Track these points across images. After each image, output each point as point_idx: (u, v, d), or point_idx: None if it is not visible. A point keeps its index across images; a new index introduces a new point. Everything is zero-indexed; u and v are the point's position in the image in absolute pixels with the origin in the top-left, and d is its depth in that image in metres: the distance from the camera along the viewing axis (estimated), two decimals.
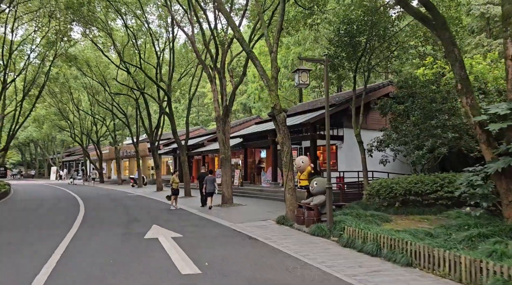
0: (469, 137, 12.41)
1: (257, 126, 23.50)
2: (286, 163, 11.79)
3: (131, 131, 33.55)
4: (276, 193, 18.74)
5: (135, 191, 27.78)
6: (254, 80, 34.90)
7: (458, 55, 8.41)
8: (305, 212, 10.53)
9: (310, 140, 17.52)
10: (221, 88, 17.60)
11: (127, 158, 42.50)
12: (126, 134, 41.87)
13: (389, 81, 19.18)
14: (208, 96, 49.81)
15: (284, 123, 11.82)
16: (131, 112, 37.77)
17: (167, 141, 38.52)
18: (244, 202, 17.37)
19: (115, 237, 9.53)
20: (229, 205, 16.43)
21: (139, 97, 30.39)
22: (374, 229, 7.93)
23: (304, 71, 10.18)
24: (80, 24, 23.91)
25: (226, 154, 16.98)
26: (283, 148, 11.90)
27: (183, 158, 22.36)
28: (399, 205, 12.12)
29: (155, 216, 13.69)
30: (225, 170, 16.90)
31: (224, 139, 17.08)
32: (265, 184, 22.85)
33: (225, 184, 16.82)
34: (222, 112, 17.27)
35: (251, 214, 13.72)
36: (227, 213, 14.15)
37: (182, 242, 8.70)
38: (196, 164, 33.62)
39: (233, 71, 19.06)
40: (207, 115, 56.70)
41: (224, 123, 17.22)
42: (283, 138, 11.85)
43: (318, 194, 10.74)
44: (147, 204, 18.42)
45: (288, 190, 11.72)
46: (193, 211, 15.25)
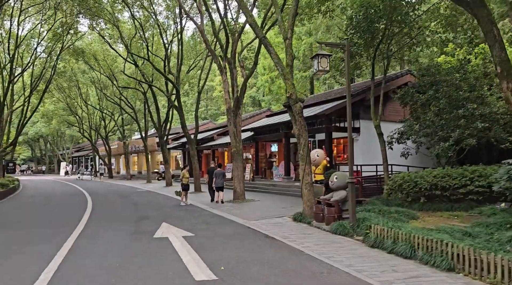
0: (500, 127, 11.54)
1: (268, 119, 22.78)
2: (303, 157, 11.06)
3: (140, 126, 33.06)
4: (289, 188, 18.04)
5: (144, 187, 27.31)
6: (264, 73, 34.11)
7: (497, 35, 7.58)
8: (325, 208, 9.80)
9: (325, 132, 16.75)
10: (231, 79, 16.88)
11: (135, 153, 42.10)
12: (134, 128, 41.42)
13: (407, 70, 18.28)
14: (217, 89, 49.16)
15: (301, 114, 11.08)
16: (139, 106, 37.26)
17: (176, 135, 37.99)
18: (256, 198, 16.71)
19: (122, 237, 8.93)
20: (241, 201, 15.78)
21: (147, 91, 29.81)
22: (405, 227, 7.18)
23: (324, 57, 9.40)
24: (87, 16, 23.35)
25: (237, 147, 16.30)
26: (299, 141, 11.17)
27: (193, 152, 21.75)
28: (424, 201, 11.33)
29: (164, 213, 13.10)
30: (237, 164, 16.23)
31: (235, 132, 16.39)
32: (277, 178, 22.18)
33: (237, 179, 16.15)
34: (233, 103, 16.57)
35: (265, 210, 13.05)
36: (240, 210, 13.49)
37: (194, 242, 8.05)
38: (205, 159, 33.05)
39: (244, 61, 18.30)
40: (216, 109, 56.05)
41: (235, 115, 16.52)
42: (299, 130, 11.12)
43: (338, 190, 10.00)
44: (156, 200, 17.86)
45: (305, 185, 11.00)
46: (204, 207, 14.63)
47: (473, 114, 11.63)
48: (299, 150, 11.30)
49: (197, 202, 16.11)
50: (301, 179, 11.16)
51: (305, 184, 11.01)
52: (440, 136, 12.28)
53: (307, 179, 11.03)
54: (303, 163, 11.07)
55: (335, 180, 10.02)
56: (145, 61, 26.71)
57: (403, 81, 18.05)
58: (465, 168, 11.13)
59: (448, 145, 11.78)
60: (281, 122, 19.23)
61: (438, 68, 13.58)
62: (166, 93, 24.09)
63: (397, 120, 18.06)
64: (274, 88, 33.93)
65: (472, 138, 11.46)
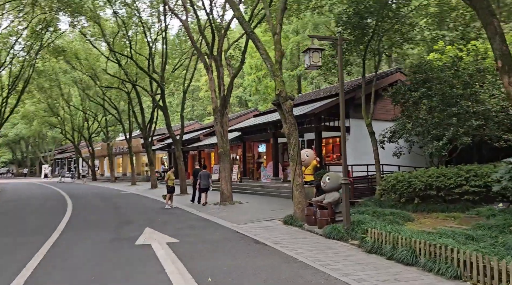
0: (494, 124, 11.25)
1: (255, 119, 22.28)
2: (294, 157, 10.57)
3: (124, 127, 32.18)
4: (278, 189, 17.56)
5: (128, 189, 26.49)
6: (251, 72, 33.59)
7: (498, 28, 7.21)
8: (317, 211, 9.32)
9: (315, 132, 16.32)
10: (218, 78, 16.32)
11: (120, 154, 41.10)
12: (118, 130, 40.42)
13: (397, 68, 18.00)
14: (203, 89, 48.43)
15: (291, 112, 10.59)
16: (123, 107, 36.33)
17: (161, 136, 37.20)
18: (244, 200, 16.17)
19: (101, 244, 8.28)
20: (228, 203, 15.23)
21: (131, 91, 28.99)
22: (405, 231, 6.73)
23: (316, 51, 8.92)
24: (66, 13, 22.47)
25: (224, 148, 15.74)
26: (289, 140, 10.68)
27: (178, 153, 21.09)
28: (418, 201, 10.97)
29: (148, 217, 12.45)
30: (224, 165, 15.67)
31: (222, 132, 15.83)
32: (265, 179, 21.68)
33: (224, 180, 15.59)
34: (219, 103, 16.00)
35: (254, 213, 12.52)
36: (228, 212, 12.93)
37: (179, 249, 7.47)
38: (191, 160, 32.36)
39: (231, 59, 17.76)
40: (202, 109, 55.30)
41: (222, 115, 15.95)
42: (289, 129, 10.63)
43: (331, 191, 9.54)
44: (140, 203, 17.16)
45: (296, 187, 10.51)
46: (190, 210, 14.02)
47: (467, 112, 11.32)
48: (289, 150, 10.81)
49: (183, 205, 15.49)
50: (292, 180, 10.67)
51: (296, 185, 10.52)
52: (433, 135, 11.94)
53: (298, 181, 10.54)
54: (294, 164, 10.59)
55: (327, 181, 9.55)
56: (129, 60, 25.93)
57: (393, 79, 17.76)
58: (460, 167, 10.80)
59: (442, 143, 11.44)
60: (269, 121, 18.75)
61: (430, 65, 13.26)
62: (150, 93, 23.36)
63: (387, 119, 17.78)
64: (261, 88, 33.45)
65: (466, 136, 11.14)
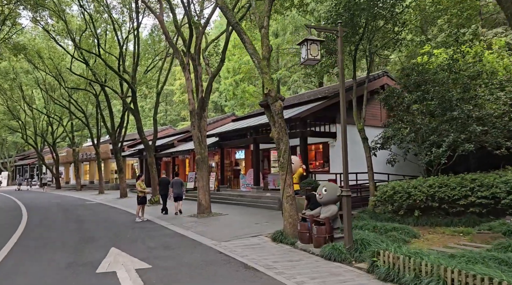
0: (497, 131, 10.45)
1: (235, 124, 20.99)
2: (284, 165, 9.35)
3: (91, 132, 30.08)
4: (259, 199, 16.29)
5: (94, 198, 24.49)
6: (228, 76, 32.33)
7: None
8: (313, 227, 8.11)
9: (300, 137, 15.21)
10: (196, 78, 14.96)
11: (87, 161, 38.68)
12: (86, 135, 38.09)
13: (384, 72, 17.23)
14: (177, 93, 46.74)
15: (281, 114, 9.39)
16: (91, 110, 34.20)
17: (133, 142, 35.22)
18: (224, 211, 14.80)
19: (54, 272, 6.74)
20: (207, 215, 13.83)
21: (99, 93, 27.08)
22: (428, 256, 5.60)
23: (314, 43, 7.76)
24: (28, 7, 20.54)
25: (202, 154, 14.35)
26: (279, 146, 9.47)
27: (150, 159, 19.48)
28: (419, 214, 9.98)
29: (115, 233, 10.89)
30: (202, 173, 14.27)
31: (200, 137, 14.45)
32: (244, 188, 20.37)
33: (202, 190, 14.18)
34: (197, 105, 14.63)
35: (237, 227, 11.19)
36: (207, 226, 11.54)
37: (151, 279, 6.07)
38: (165, 167, 30.62)
39: (210, 58, 16.44)
40: (176, 114, 53.46)
41: (199, 118, 14.58)
42: (279, 134, 9.42)
43: (328, 204, 8.36)
44: (107, 215, 15.46)
45: (286, 199, 9.29)
46: (164, 223, 12.53)
47: (468, 116, 10.47)
48: (278, 157, 9.58)
49: (155, 217, 13.96)
50: (282, 191, 9.44)
51: (286, 197, 9.30)
52: (431, 141, 11.03)
53: (289, 192, 9.32)
54: (284, 173, 9.37)
55: (324, 192, 8.36)
56: (97, 60, 24.13)
57: (380, 83, 16.96)
58: (463, 176, 9.91)
59: (442, 151, 10.53)
60: (250, 126, 17.51)
61: (425, 67, 12.43)
62: (120, 95, 21.64)
63: (376, 125, 16.96)
64: (238, 92, 32.21)
65: (469, 143, 10.28)
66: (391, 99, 12.66)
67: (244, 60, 28.61)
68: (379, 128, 17.12)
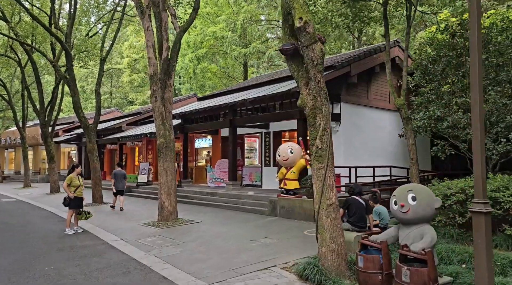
0: None
1: (202, 103, 16.81)
2: (322, 152, 5.56)
3: (14, 111, 24.23)
4: (239, 199, 12.42)
5: (17, 194, 19.22)
6: (187, 52, 27.57)
7: None
8: (402, 269, 4.36)
9: (298, 118, 11.46)
10: (159, 29, 10.66)
11: (12, 147, 32.32)
12: (11, 116, 31.67)
13: (395, 41, 13.95)
14: (124, 73, 40.97)
15: (321, 66, 5.56)
16: (18, 87, 28.08)
17: (69, 125, 29.65)
18: (194, 216, 10.78)
19: None
20: (172, 223, 9.76)
21: (26, 64, 21.51)
22: None
23: None
24: None
25: (167, 138, 10.17)
26: (314, 120, 5.67)
27: (91, 145, 14.84)
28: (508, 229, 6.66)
29: (26, 257, 6.56)
30: (166, 164, 10.10)
31: (164, 113, 10.25)
32: (212, 183, 16.38)
33: (166, 188, 10.04)
34: (160, 67, 10.38)
35: (225, 247, 7.26)
36: (178, 245, 7.51)
37: None
38: (109, 156, 25.63)
39: (177, 8, 12.13)
40: (123, 97, 47.48)
41: (164, 87, 10.36)
42: (315, 99, 5.62)
43: (420, 223, 4.67)
44: (25, 221, 10.84)
45: (326, 209, 5.51)
46: (110, 238, 8.32)
47: None
48: (312, 138, 5.76)
49: (96, 226, 9.65)
50: (317, 196, 5.63)
51: (327, 206, 5.52)
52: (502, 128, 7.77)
53: (331, 198, 5.54)
54: (321, 165, 5.57)
55: (411, 202, 4.65)
56: (22, 16, 18.71)
57: (390, 55, 13.64)
58: None
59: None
60: (228, 103, 13.47)
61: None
62: (51, 60, 16.49)
63: (383, 106, 13.73)
64: (198, 71, 27.69)
65: None
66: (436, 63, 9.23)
67: (208, 31, 24.25)
68: (388, 112, 13.92)
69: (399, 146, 14.09)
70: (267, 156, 15.06)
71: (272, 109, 13.42)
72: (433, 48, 9.66)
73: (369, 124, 13.25)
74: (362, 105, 13.10)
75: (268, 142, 15.07)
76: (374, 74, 13.45)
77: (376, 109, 13.53)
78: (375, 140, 13.39)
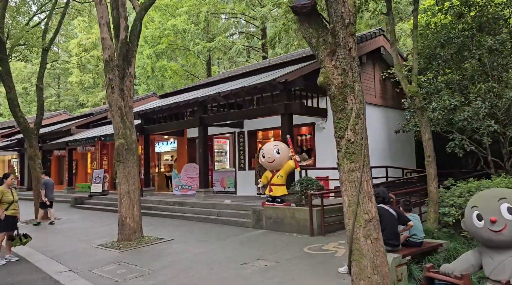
0: None
1: (164, 100, 14.83)
2: (356, 147, 4.03)
3: None
4: (213, 208, 10.65)
5: None
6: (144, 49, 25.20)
7: None
8: None
9: (284, 112, 9.89)
10: (115, 6, 8.72)
11: None
12: None
13: (379, 29, 12.79)
14: (73, 73, 37.53)
15: (353, 25, 4.01)
16: None
17: (10, 130, 26.28)
18: (163, 233, 8.91)
19: None
20: (136, 244, 7.86)
21: None
22: None
23: None
24: None
25: (127, 138, 8.23)
26: (344, 102, 4.11)
27: (32, 151, 12.46)
28: None
29: None
30: (128, 170, 8.16)
31: (124, 109, 8.31)
32: (178, 191, 14.47)
33: (128, 200, 8.10)
34: (118, 51, 8.43)
35: (212, 278, 5.55)
36: (146, 278, 5.68)
37: None
38: (57, 163, 22.80)
39: None
40: (72, 100, 43.76)
41: (122, 75, 8.42)
42: (345, 72, 4.07)
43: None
44: None
45: (363, 228, 3.97)
46: (53, 268, 6.37)
47: None
48: (339, 129, 4.18)
49: (37, 250, 7.57)
50: (350, 209, 4.06)
51: (366, 222, 3.97)
52: None
53: (370, 211, 4.00)
54: (355, 165, 4.02)
55: (507, 215, 3.20)
56: None
57: (375, 45, 12.50)
58: None
59: None
60: (198, 98, 11.65)
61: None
62: None
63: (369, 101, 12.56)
64: (157, 69, 25.40)
65: None
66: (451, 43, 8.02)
67: (167, 25, 22.15)
68: (375, 107, 12.77)
69: (387, 144, 12.98)
70: (242, 158, 13.40)
71: (248, 105, 11.79)
72: (436, 31, 8.50)
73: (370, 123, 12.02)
74: None
75: (242, 142, 13.42)
76: (361, 64, 12.22)
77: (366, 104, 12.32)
78: None
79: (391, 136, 13.24)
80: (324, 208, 7.86)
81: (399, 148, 13.54)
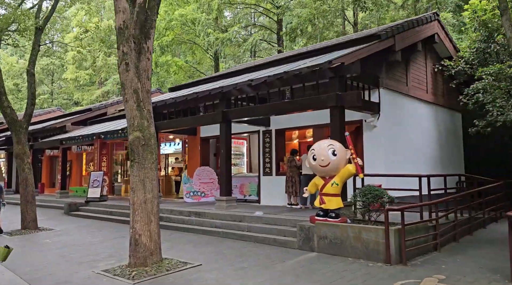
0: None
1: (176, 93, 12.88)
2: None
3: None
4: (240, 222, 8.71)
5: None
6: None
7: None
8: None
9: (334, 105, 7.99)
10: None
11: None
12: None
13: (434, 13, 11.00)
14: (69, 69, 35.40)
15: None
16: None
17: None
18: (185, 253, 6.97)
19: None
20: (156, 271, 5.90)
21: None
22: None
23: None
24: None
25: (145, 130, 6.31)
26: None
27: (20, 148, 10.46)
28: None
29: None
30: (144, 173, 6.21)
31: (140, 93, 6.38)
32: (189, 199, 12.53)
33: (143, 211, 6.15)
34: (134, 18, 6.51)
35: None
36: None
37: None
38: (49, 164, 20.72)
39: None
40: (67, 98, 41.55)
41: (139, 50, 6.51)
42: None
43: None
44: None
45: None
46: None
47: None
48: None
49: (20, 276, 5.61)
50: None
51: None
52: None
53: None
54: None
55: None
56: None
57: (430, 31, 10.71)
58: None
59: None
60: (223, 87, 9.72)
61: None
62: None
63: (420, 97, 10.77)
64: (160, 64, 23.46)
65: None
66: None
67: (175, 15, 20.27)
68: (426, 104, 10.98)
69: (436, 148, 11.18)
70: (268, 162, 11.48)
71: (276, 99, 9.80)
72: None
73: (409, 119, 10.18)
74: (401, 93, 9.99)
75: (268, 143, 11.49)
76: (414, 53, 10.43)
77: (415, 99, 10.49)
78: (416, 140, 10.36)
79: (441, 138, 11.48)
80: (405, 228, 5.97)
81: (449, 152, 11.78)
